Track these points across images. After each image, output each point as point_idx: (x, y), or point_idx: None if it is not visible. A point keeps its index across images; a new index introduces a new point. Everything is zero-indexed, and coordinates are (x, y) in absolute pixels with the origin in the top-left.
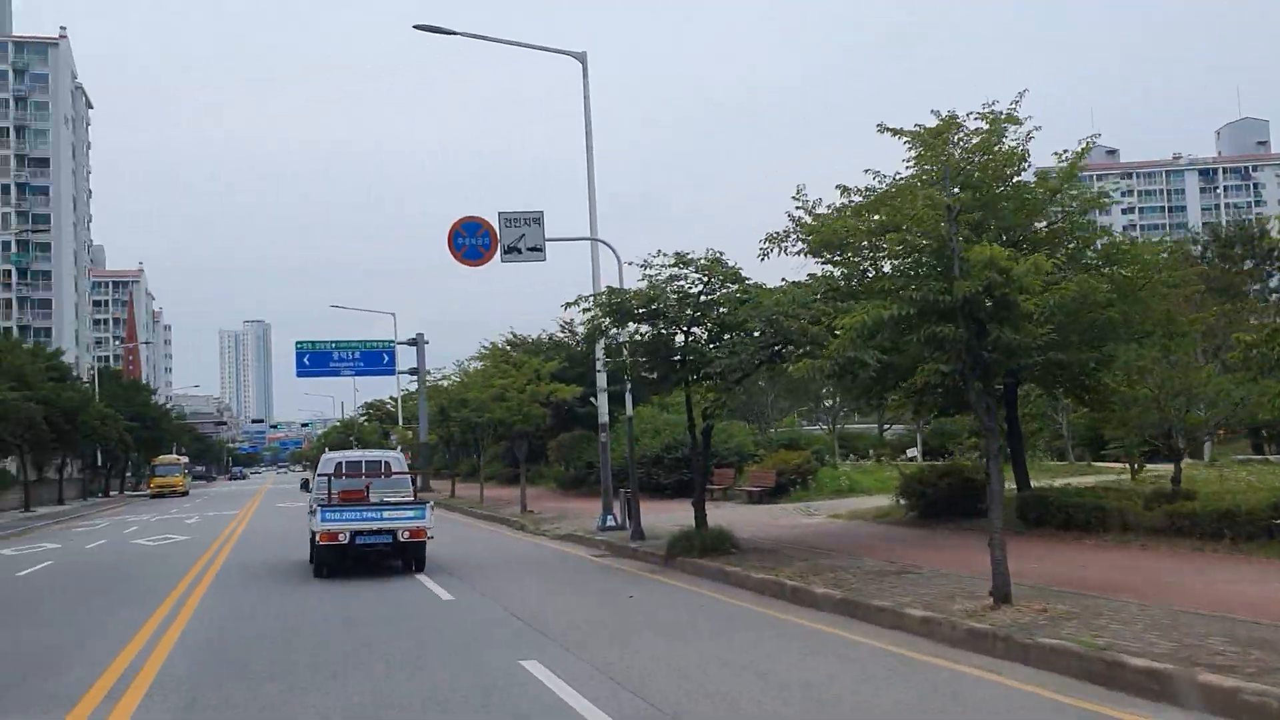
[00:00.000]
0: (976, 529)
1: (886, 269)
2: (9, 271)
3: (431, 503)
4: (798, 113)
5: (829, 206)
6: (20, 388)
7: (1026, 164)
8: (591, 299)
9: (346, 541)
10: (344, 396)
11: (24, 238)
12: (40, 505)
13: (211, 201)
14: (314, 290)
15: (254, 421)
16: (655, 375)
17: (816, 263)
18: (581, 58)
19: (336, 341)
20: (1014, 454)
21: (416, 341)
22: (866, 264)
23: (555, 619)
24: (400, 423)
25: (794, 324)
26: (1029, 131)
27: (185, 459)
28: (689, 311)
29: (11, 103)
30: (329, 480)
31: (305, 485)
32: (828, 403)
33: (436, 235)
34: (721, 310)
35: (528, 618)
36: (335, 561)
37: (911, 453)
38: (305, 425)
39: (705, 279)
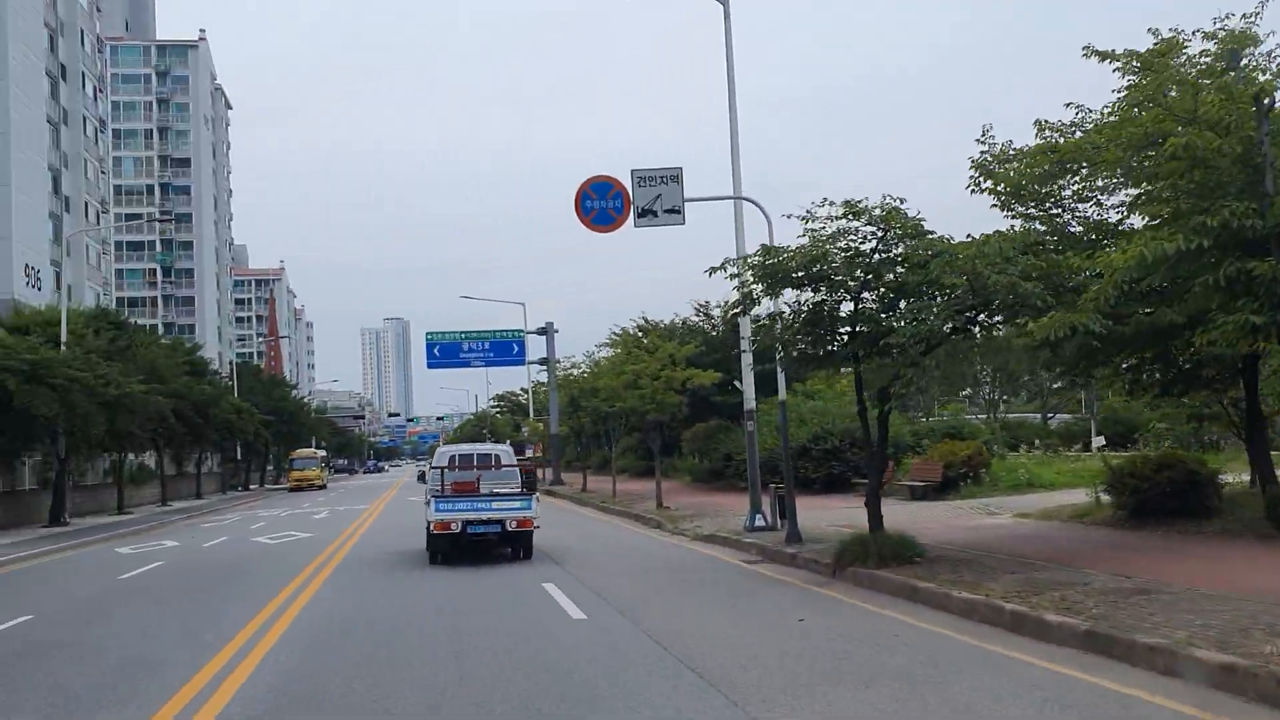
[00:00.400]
0: (1205, 532)
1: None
2: (155, 270)
3: (538, 494)
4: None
5: (1020, 150)
6: (152, 381)
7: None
8: (740, 261)
9: (458, 531)
10: (478, 389)
11: (167, 236)
12: (178, 500)
13: (353, 202)
14: (451, 288)
15: (390, 415)
16: (819, 351)
17: (1006, 217)
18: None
19: (465, 332)
20: (1254, 441)
21: (546, 331)
22: (1069, 216)
23: (713, 651)
24: (531, 414)
25: (1001, 279)
26: (1271, 52)
27: (323, 453)
28: (860, 274)
29: (154, 105)
30: (442, 473)
31: (422, 477)
32: (986, 387)
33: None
34: (900, 270)
35: (680, 649)
36: (448, 549)
37: (1099, 441)
38: (441, 419)
39: (881, 232)
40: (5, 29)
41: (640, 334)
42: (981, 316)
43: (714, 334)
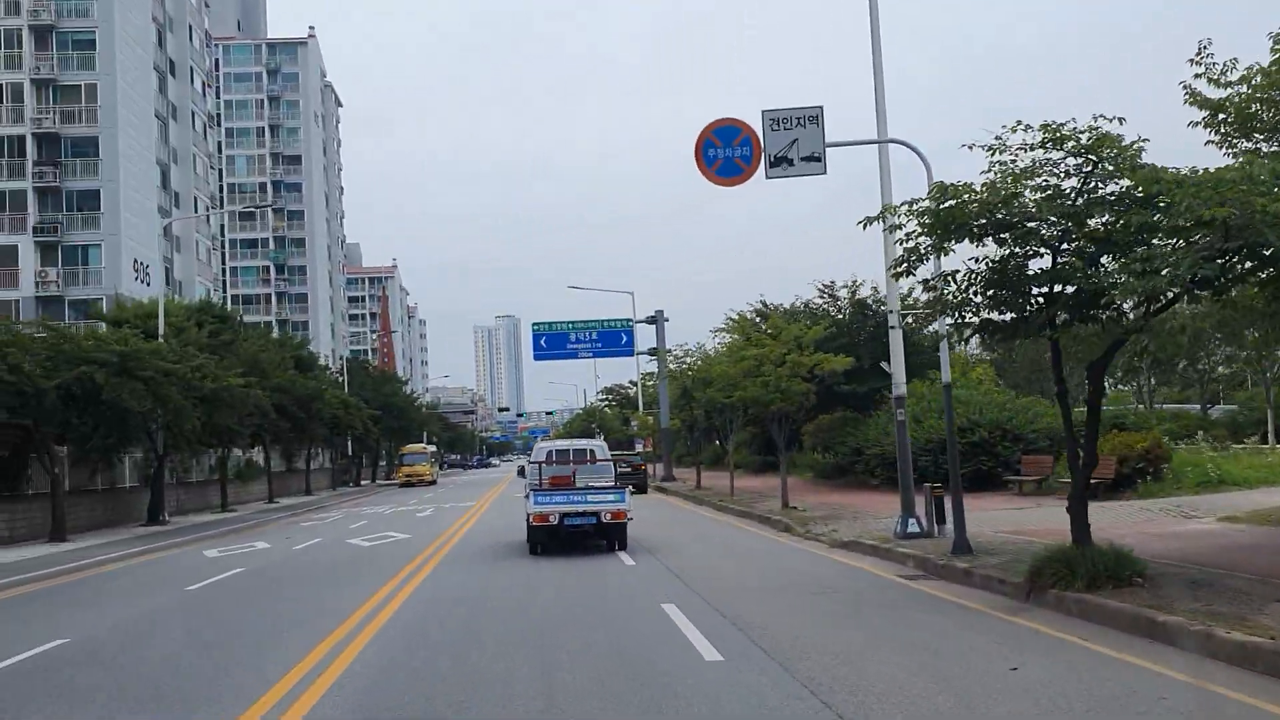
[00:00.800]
0: None
1: None
2: (268, 268)
3: (630, 487)
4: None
5: (1248, 70)
6: (252, 374)
7: None
8: (905, 208)
9: (556, 523)
10: (585, 382)
11: (280, 233)
12: (286, 496)
13: (461, 203)
14: (561, 282)
15: (500, 410)
16: (1005, 317)
17: (1226, 155)
18: None
19: (573, 322)
20: None
21: (656, 319)
22: None
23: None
24: (640, 408)
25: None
26: None
27: (432, 448)
28: (1059, 220)
29: (265, 103)
30: (540, 467)
31: (522, 472)
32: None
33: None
34: (1108, 217)
35: (852, 715)
36: (547, 541)
37: None
38: (550, 414)
39: (1090, 165)
40: (113, 23)
41: (758, 318)
42: (1243, 265)
43: (840, 317)
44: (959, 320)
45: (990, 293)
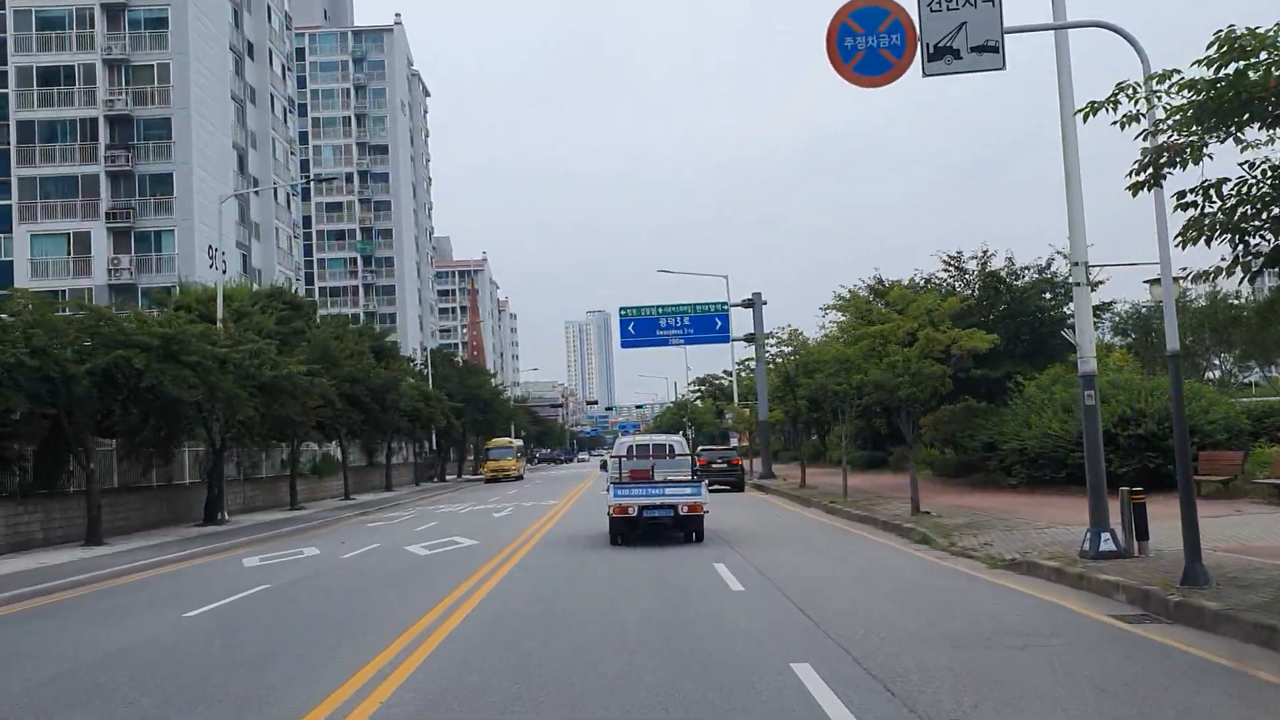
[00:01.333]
0: None
1: None
2: (355, 259)
3: (706, 480)
4: None
5: None
6: (321, 363)
7: None
8: (1159, 78)
9: (635, 515)
10: (677, 374)
11: (367, 224)
12: (365, 492)
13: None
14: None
15: (589, 403)
16: None
17: None
18: None
19: (662, 306)
20: None
21: (753, 303)
22: None
23: None
24: (735, 399)
25: None
26: None
27: (519, 442)
28: None
29: (352, 92)
30: (620, 462)
31: (604, 466)
32: None
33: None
34: None
35: None
36: (627, 531)
37: None
38: (639, 407)
39: None
40: (186, 2)
41: (872, 295)
42: None
43: (969, 294)
44: (1240, 247)
45: None
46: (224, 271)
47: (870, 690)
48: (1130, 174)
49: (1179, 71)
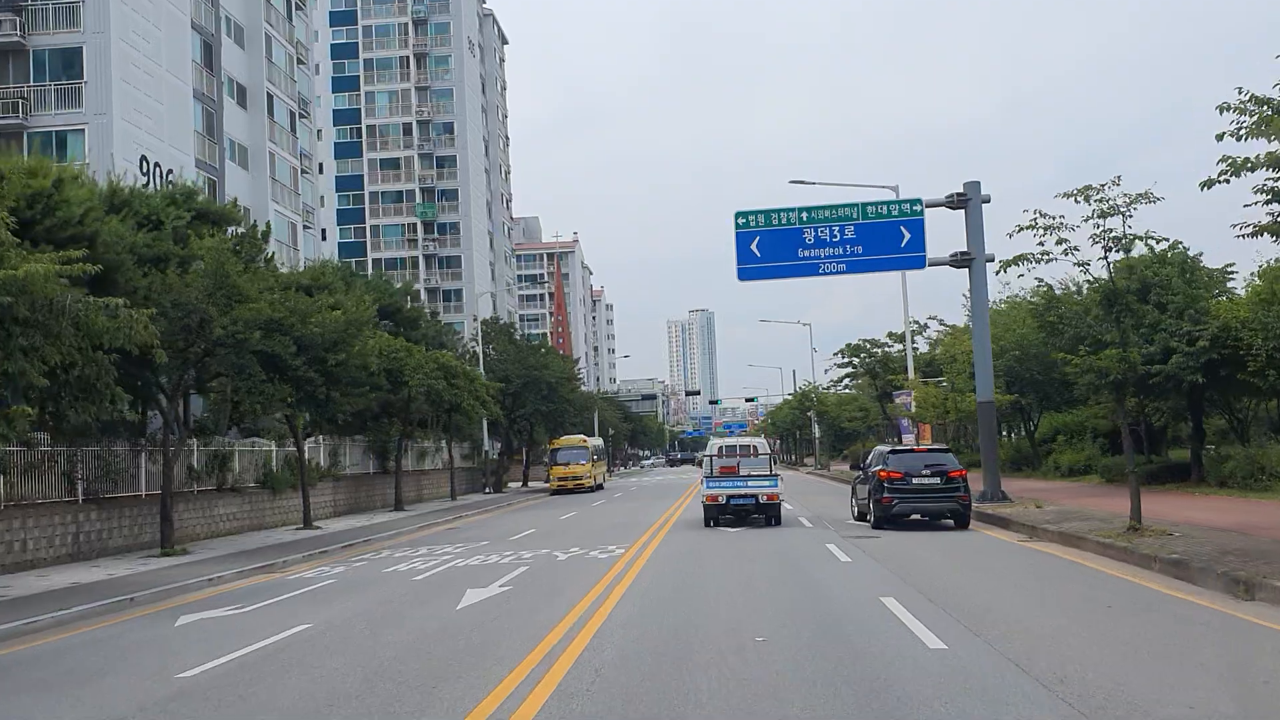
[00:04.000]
0: None
1: None
2: (414, 225)
3: (781, 474)
4: None
5: None
6: (214, 298)
7: None
8: None
9: (724, 502)
10: (797, 359)
11: (429, 184)
12: (359, 513)
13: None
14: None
15: (689, 393)
16: None
17: None
18: None
19: (808, 209)
20: None
21: (965, 200)
22: None
23: None
24: (910, 371)
25: None
26: None
27: (596, 440)
28: None
29: (410, 27)
30: (711, 460)
31: (697, 463)
32: None
33: None
34: None
35: None
36: (717, 515)
37: None
38: (751, 400)
39: None
40: None
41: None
42: None
43: None
44: None
45: None
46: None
47: None
48: None
49: None
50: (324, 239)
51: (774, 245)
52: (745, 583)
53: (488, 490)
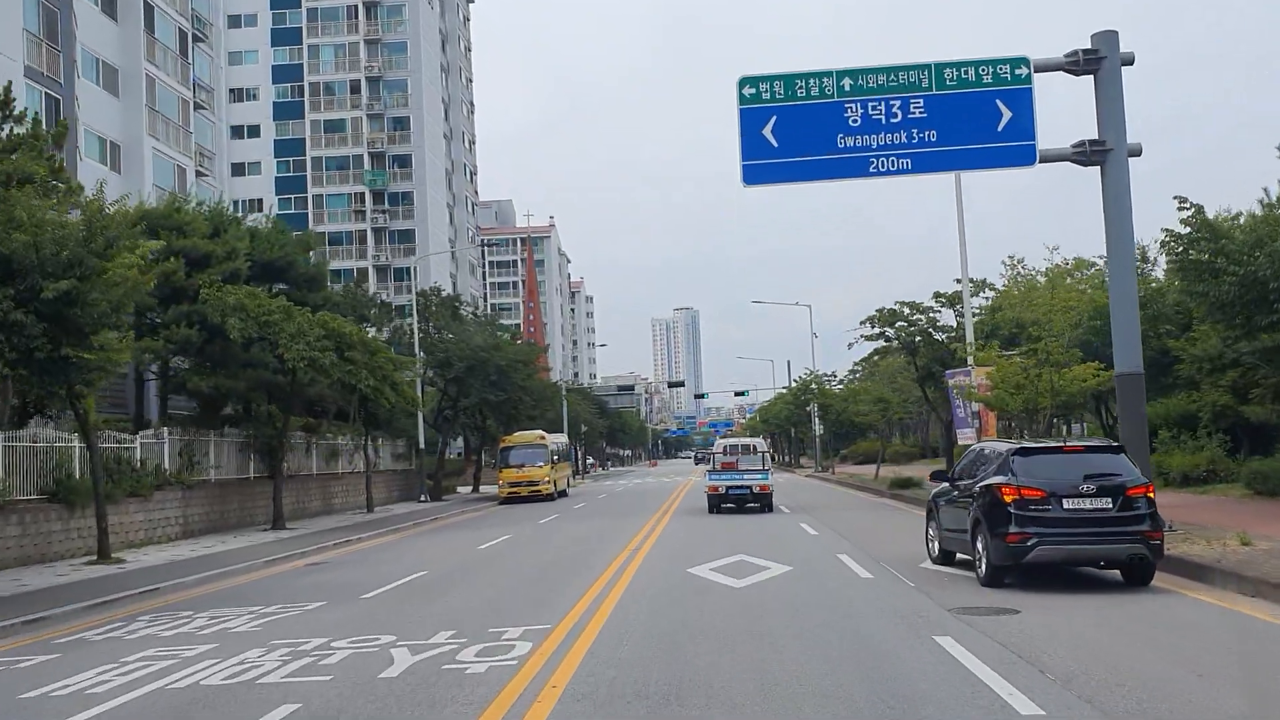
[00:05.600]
0: None
1: None
2: (362, 195)
3: (772, 468)
4: None
5: None
6: None
7: None
8: None
9: (724, 492)
10: (793, 353)
11: (378, 148)
12: (247, 530)
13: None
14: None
15: (671, 385)
16: None
17: None
18: None
19: (851, 72)
20: None
21: (1096, 57)
22: None
23: None
24: (969, 338)
25: None
26: None
27: (560, 438)
28: None
29: None
30: (715, 457)
31: (697, 460)
32: None
33: None
34: None
35: None
36: (719, 502)
37: None
38: (741, 394)
39: None
40: None
41: None
42: None
43: None
44: None
45: None
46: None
47: None
48: None
49: None
50: (262, 209)
51: (799, 128)
52: None
53: (423, 499)
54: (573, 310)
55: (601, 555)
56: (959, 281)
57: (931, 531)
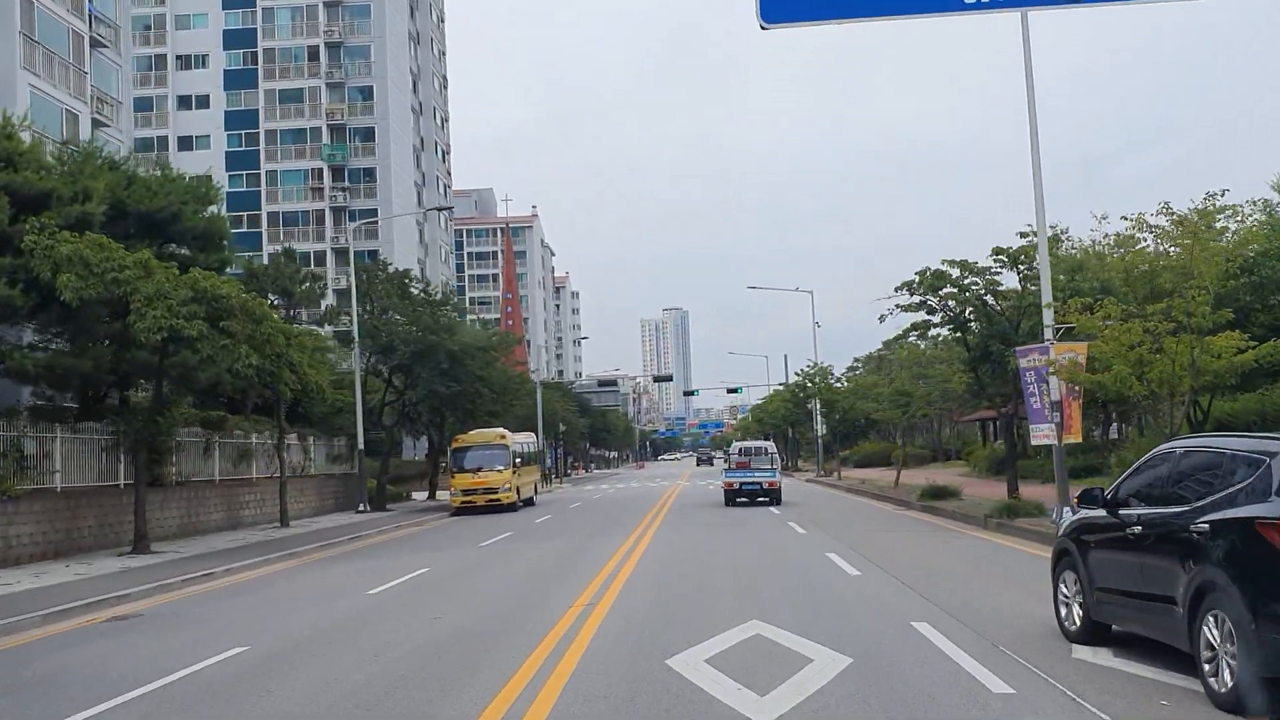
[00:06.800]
0: None
1: None
2: (320, 171)
3: (779, 467)
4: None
5: None
6: None
7: None
8: None
9: (738, 488)
10: (790, 348)
11: (338, 120)
12: (99, 555)
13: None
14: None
15: (657, 379)
16: None
17: None
18: None
19: None
20: None
21: None
22: None
23: None
24: (1047, 292)
25: None
26: None
27: (526, 437)
28: None
29: None
30: (731, 457)
31: (699, 461)
32: None
33: None
34: None
35: None
36: (734, 497)
37: None
38: (734, 390)
39: None
40: None
41: None
42: None
43: None
44: None
45: None
46: None
47: None
48: None
49: None
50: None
51: None
52: None
53: (361, 508)
54: (557, 306)
55: (532, 619)
56: (1023, 235)
57: (1067, 589)
